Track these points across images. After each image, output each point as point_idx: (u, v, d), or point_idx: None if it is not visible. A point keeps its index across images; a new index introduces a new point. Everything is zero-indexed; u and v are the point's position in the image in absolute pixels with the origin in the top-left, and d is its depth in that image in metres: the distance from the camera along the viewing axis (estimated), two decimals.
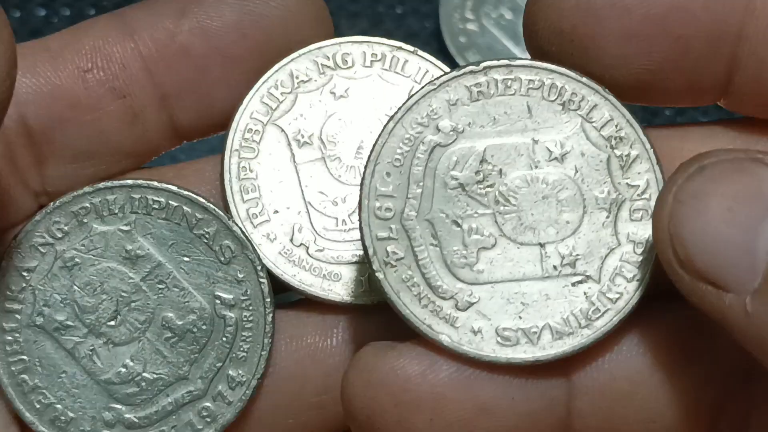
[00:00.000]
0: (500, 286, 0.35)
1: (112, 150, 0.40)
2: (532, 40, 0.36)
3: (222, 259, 0.38)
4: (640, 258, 0.35)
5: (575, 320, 0.35)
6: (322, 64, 0.40)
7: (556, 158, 0.36)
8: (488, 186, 0.36)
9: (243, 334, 0.38)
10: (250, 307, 0.38)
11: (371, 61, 0.40)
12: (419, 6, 0.71)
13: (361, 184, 0.36)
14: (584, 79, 0.36)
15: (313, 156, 0.40)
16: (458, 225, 0.35)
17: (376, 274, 0.35)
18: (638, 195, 0.36)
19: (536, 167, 0.36)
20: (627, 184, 0.36)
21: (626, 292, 0.35)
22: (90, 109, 0.39)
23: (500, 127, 0.36)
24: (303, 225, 0.39)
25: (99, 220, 0.38)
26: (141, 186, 0.38)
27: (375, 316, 0.39)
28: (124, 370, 0.38)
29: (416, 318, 0.35)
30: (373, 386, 0.35)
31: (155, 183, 0.38)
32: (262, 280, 0.38)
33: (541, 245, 0.35)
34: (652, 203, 0.35)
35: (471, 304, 0.35)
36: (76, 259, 0.38)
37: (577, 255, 0.35)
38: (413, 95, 0.36)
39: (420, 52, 0.41)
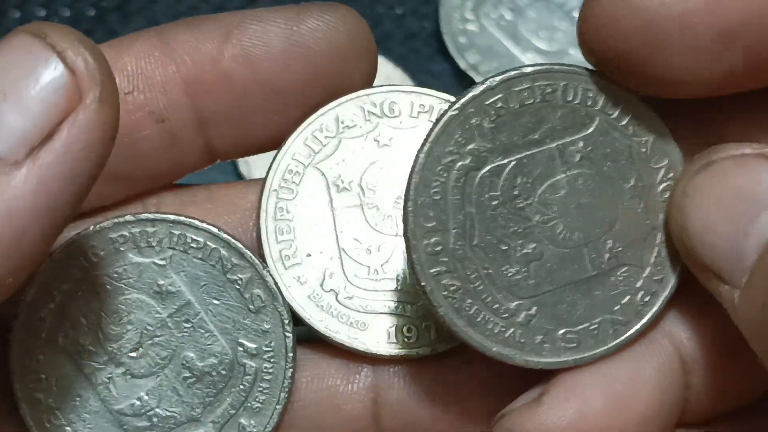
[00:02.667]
0: (553, 294, 0.36)
1: (147, 172, 0.39)
2: (591, 58, 0.36)
3: (251, 307, 0.39)
4: None
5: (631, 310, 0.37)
6: (368, 111, 0.40)
7: (583, 158, 0.36)
8: (525, 199, 0.36)
9: (261, 385, 0.39)
10: (272, 360, 0.39)
11: (418, 112, 0.40)
12: (419, 6, 0.71)
13: (405, 225, 0.36)
14: (593, 76, 0.36)
15: (351, 202, 0.40)
16: (506, 244, 0.36)
17: (438, 310, 0.36)
18: (664, 177, 0.37)
19: (567, 171, 0.36)
20: (651, 167, 0.37)
21: (671, 273, 0.37)
22: (128, 132, 0.38)
23: (525, 139, 0.36)
24: (334, 271, 0.39)
25: (136, 251, 0.38)
26: (182, 223, 0.38)
27: (400, 366, 0.39)
28: (138, 402, 0.38)
29: (485, 345, 0.36)
30: None
31: (196, 222, 0.38)
32: (287, 334, 0.39)
33: (586, 245, 0.37)
34: None
35: (532, 318, 0.36)
36: (107, 286, 0.38)
37: (620, 247, 0.37)
38: (436, 125, 0.36)
39: None
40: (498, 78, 0.36)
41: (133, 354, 0.38)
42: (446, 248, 0.36)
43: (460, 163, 0.36)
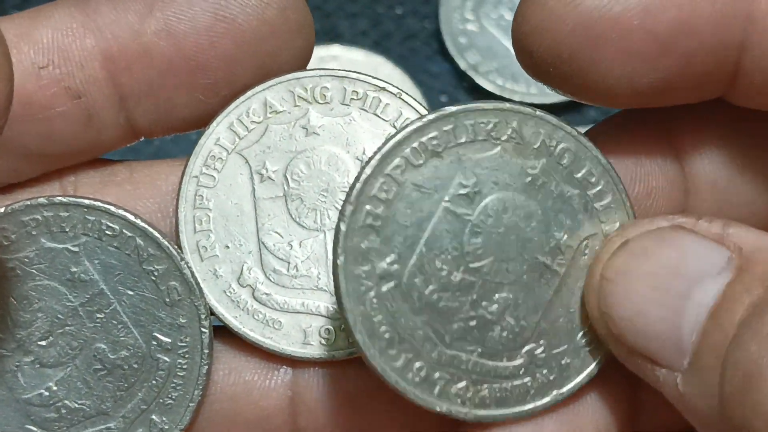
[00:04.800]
0: (549, 316, 0.35)
1: (62, 149, 0.38)
2: (525, 61, 0.34)
3: (167, 300, 0.37)
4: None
5: None
6: (298, 96, 0.38)
7: (473, 194, 0.34)
8: (457, 268, 0.34)
9: (174, 381, 0.37)
10: (186, 355, 0.37)
11: (350, 99, 0.38)
12: (419, 6, 0.71)
13: (381, 378, 0.34)
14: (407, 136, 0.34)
15: (274, 193, 0.38)
16: (474, 318, 0.34)
17: (467, 417, 0.34)
18: (549, 146, 0.35)
19: (471, 216, 0.34)
20: (532, 147, 0.35)
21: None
22: (42, 108, 0.37)
23: (414, 223, 0.34)
24: (252, 265, 0.38)
25: (48, 236, 0.37)
26: (97, 209, 0.37)
27: (316, 367, 0.38)
28: (46, 393, 0.37)
29: (522, 412, 0.35)
30: None
31: (111, 208, 0.37)
32: (204, 330, 0.37)
33: (540, 255, 0.34)
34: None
35: (550, 350, 0.35)
36: (18, 271, 0.37)
37: (567, 230, 0.35)
38: (336, 279, 0.33)
39: (404, 96, 0.38)
40: (352, 200, 0.33)
41: (43, 342, 0.37)
42: (430, 363, 0.34)
43: (384, 289, 0.34)
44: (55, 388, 0.37)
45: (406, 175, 0.34)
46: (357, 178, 0.34)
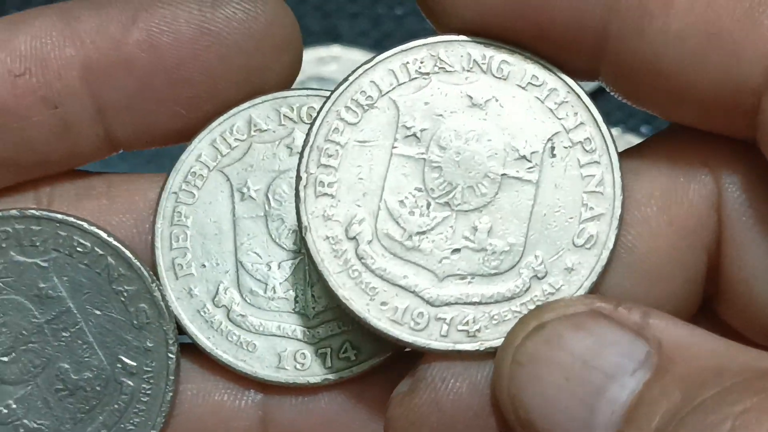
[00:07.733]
0: (536, 226, 0.34)
1: (37, 159, 0.36)
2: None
3: (135, 322, 0.36)
4: None
5: None
6: (284, 115, 0.37)
7: (421, 131, 0.34)
8: (427, 206, 0.34)
9: (137, 406, 0.36)
10: (151, 381, 0.36)
11: None
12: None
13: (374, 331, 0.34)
14: None
15: (254, 212, 0.37)
16: (456, 252, 0.34)
17: (479, 346, 0.33)
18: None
19: (424, 155, 0.34)
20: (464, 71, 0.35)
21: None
22: (17, 117, 0.35)
23: (365, 187, 0.34)
24: (229, 285, 0.37)
25: (18, 249, 0.36)
26: (69, 224, 0.36)
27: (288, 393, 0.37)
28: (5, 410, 0.36)
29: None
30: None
31: (84, 224, 0.36)
32: (171, 355, 0.36)
33: (504, 174, 0.34)
34: None
35: (548, 258, 0.34)
36: None
37: (524, 144, 0.34)
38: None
39: None
40: (301, 174, 0.34)
41: (5, 358, 0.36)
42: (428, 307, 0.34)
43: (359, 248, 0.34)
44: (14, 406, 0.36)
45: (346, 135, 0.34)
46: (300, 154, 0.34)
